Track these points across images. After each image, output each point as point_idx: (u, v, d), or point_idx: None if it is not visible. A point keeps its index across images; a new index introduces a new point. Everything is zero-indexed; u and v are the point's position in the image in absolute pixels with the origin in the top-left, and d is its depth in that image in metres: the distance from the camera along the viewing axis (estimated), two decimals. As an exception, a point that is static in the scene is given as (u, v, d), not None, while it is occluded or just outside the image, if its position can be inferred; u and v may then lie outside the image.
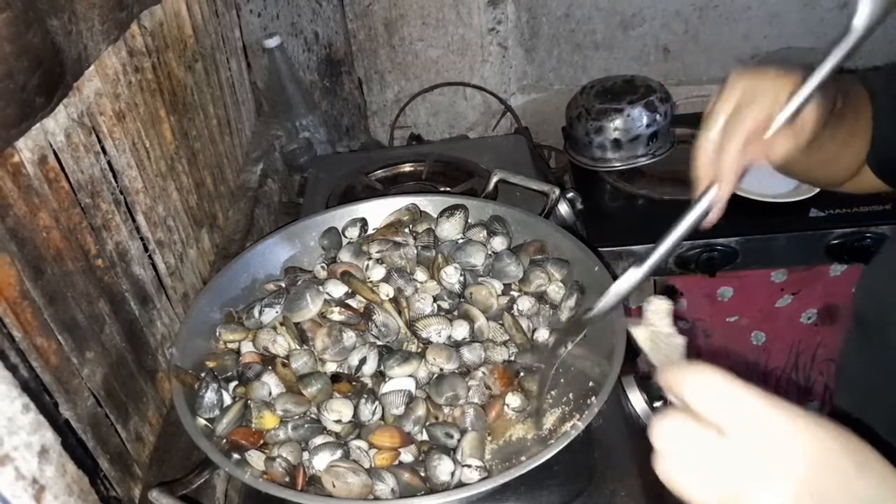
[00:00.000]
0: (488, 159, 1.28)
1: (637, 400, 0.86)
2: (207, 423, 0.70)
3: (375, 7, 1.59)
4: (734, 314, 1.34)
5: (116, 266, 0.75)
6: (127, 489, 0.71)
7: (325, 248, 0.93)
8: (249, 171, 1.29)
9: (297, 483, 0.64)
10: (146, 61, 0.87)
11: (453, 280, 0.82)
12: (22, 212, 0.59)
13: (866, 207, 1.24)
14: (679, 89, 1.66)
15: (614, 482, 0.72)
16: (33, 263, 0.59)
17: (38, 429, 0.57)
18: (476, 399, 0.73)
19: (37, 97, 0.59)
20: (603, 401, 0.65)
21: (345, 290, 0.82)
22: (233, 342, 0.80)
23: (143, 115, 0.84)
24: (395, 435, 0.68)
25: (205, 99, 1.09)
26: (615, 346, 0.70)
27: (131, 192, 0.80)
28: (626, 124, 1.35)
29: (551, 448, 0.61)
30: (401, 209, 0.95)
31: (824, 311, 1.32)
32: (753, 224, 1.24)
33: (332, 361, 0.76)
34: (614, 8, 1.59)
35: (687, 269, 1.26)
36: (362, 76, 1.68)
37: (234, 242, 1.09)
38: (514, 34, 1.64)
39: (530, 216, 0.91)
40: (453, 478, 0.65)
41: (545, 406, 0.72)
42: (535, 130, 1.73)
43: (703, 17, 1.58)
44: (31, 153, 0.61)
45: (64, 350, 0.63)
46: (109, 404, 0.69)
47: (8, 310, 0.56)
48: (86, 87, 0.71)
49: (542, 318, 0.82)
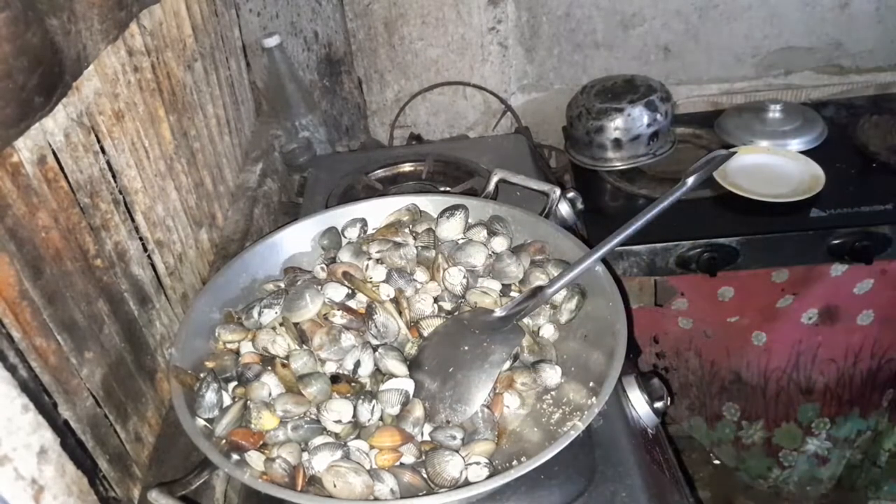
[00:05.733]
0: (488, 159, 1.28)
1: (637, 400, 0.86)
2: (207, 424, 0.69)
3: (375, 6, 1.59)
4: (735, 314, 1.34)
5: (115, 266, 0.75)
6: (126, 489, 0.71)
7: (325, 248, 0.92)
8: (249, 170, 1.29)
9: (297, 483, 0.64)
10: (145, 61, 0.86)
11: (456, 281, 0.82)
12: (21, 212, 0.59)
13: (867, 207, 1.24)
14: (679, 89, 1.66)
15: (614, 482, 0.72)
16: (32, 263, 0.59)
17: (37, 429, 0.56)
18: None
19: (36, 97, 0.58)
20: (603, 401, 0.65)
21: (345, 293, 0.81)
22: (232, 342, 0.79)
23: (142, 115, 0.84)
24: (395, 434, 0.68)
25: (204, 98, 1.09)
26: (615, 346, 0.70)
27: (130, 192, 0.80)
28: (627, 124, 1.35)
29: (551, 448, 0.61)
30: (401, 209, 0.95)
31: (825, 311, 1.32)
32: (754, 224, 1.24)
33: (329, 361, 0.76)
34: (614, 7, 1.59)
35: (687, 268, 1.26)
36: (362, 76, 1.68)
37: (234, 242, 1.09)
38: (514, 33, 1.64)
39: (530, 216, 0.91)
40: (461, 475, 0.65)
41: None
42: (535, 130, 1.73)
43: (703, 17, 1.58)
44: (30, 153, 0.61)
45: (63, 350, 0.62)
46: (108, 405, 0.69)
47: (7, 310, 0.56)
48: (85, 87, 0.71)
49: (543, 317, 0.81)
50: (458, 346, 0.75)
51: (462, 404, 0.71)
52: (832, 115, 1.51)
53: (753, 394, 1.44)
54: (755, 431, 1.49)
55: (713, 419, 1.50)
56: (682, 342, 1.40)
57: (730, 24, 1.59)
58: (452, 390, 0.72)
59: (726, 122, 1.47)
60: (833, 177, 1.28)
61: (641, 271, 1.28)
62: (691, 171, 0.76)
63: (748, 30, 1.59)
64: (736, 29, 1.59)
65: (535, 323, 0.81)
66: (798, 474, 1.53)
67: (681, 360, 1.43)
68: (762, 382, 1.42)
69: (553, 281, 0.78)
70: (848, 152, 1.40)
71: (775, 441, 1.49)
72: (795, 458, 1.51)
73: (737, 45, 1.61)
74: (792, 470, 1.53)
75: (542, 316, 0.81)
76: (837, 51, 1.61)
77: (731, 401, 1.46)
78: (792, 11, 1.56)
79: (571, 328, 0.80)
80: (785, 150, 1.38)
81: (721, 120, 1.49)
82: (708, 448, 1.56)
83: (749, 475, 1.56)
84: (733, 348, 1.39)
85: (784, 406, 1.45)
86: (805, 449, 1.49)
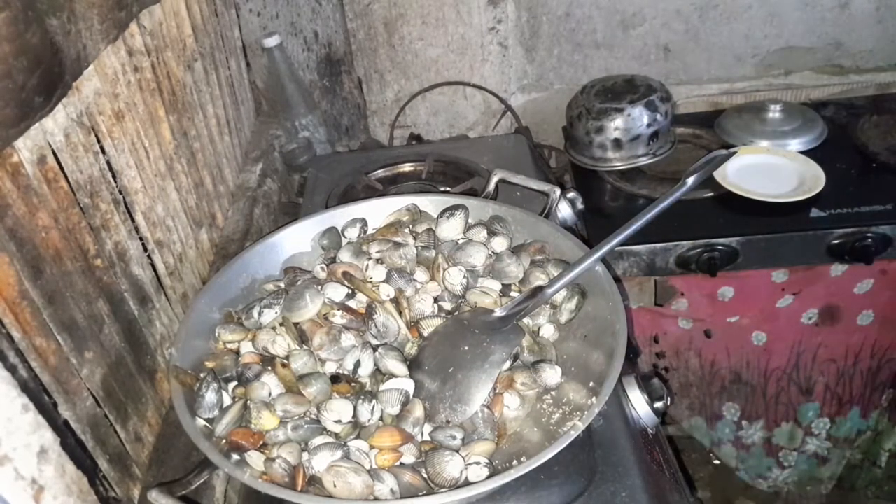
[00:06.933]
0: (488, 159, 1.28)
1: (637, 400, 0.86)
2: (207, 424, 0.69)
3: (375, 6, 1.59)
4: (735, 314, 1.34)
5: (115, 266, 0.75)
6: (126, 489, 0.71)
7: (325, 248, 0.92)
8: (249, 170, 1.29)
9: (297, 484, 0.64)
10: (145, 61, 0.86)
11: (456, 281, 0.82)
12: (21, 212, 0.59)
13: (867, 207, 1.24)
14: (680, 89, 1.66)
15: (614, 482, 0.72)
16: (32, 263, 0.59)
17: (37, 429, 0.56)
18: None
19: (36, 97, 0.58)
20: (603, 401, 0.65)
21: (345, 293, 0.81)
22: (232, 342, 0.79)
23: (142, 115, 0.84)
24: (395, 434, 0.68)
25: (204, 98, 1.09)
26: (615, 346, 0.70)
27: (130, 192, 0.80)
28: (627, 124, 1.35)
29: (551, 448, 0.61)
30: (401, 209, 0.95)
31: (825, 311, 1.32)
32: (754, 224, 1.24)
33: (329, 361, 0.76)
34: (615, 7, 1.58)
35: (688, 268, 1.26)
36: (362, 75, 1.68)
37: (234, 242, 1.09)
38: (514, 33, 1.64)
39: (530, 216, 0.91)
40: (461, 475, 0.65)
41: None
42: (535, 130, 1.73)
43: (703, 17, 1.58)
44: (30, 153, 0.61)
45: (63, 350, 0.62)
46: (108, 405, 0.69)
47: (7, 310, 0.56)
48: (85, 87, 0.71)
49: (543, 317, 0.81)
50: (458, 346, 0.75)
51: (462, 404, 0.71)
52: (832, 115, 1.51)
53: (753, 394, 1.44)
54: (755, 431, 1.49)
55: (713, 419, 1.50)
56: (682, 342, 1.40)
57: (730, 24, 1.59)
58: (452, 390, 0.72)
59: (726, 122, 1.47)
60: (833, 177, 1.28)
61: (641, 271, 1.28)
62: (691, 171, 0.76)
63: (748, 30, 1.59)
64: (736, 29, 1.59)
65: (535, 323, 0.81)
66: (798, 474, 1.53)
67: (681, 360, 1.43)
68: (762, 382, 1.42)
69: (553, 281, 0.78)
70: (848, 152, 1.40)
71: (775, 441, 1.49)
72: (795, 458, 1.51)
73: (737, 45, 1.61)
74: (792, 470, 1.53)
75: (542, 316, 0.81)
76: (837, 51, 1.61)
77: (731, 401, 1.46)
78: (792, 11, 1.56)
79: (571, 328, 0.80)
80: (785, 150, 1.38)
81: (721, 120, 1.49)
82: (708, 448, 1.56)
83: (749, 475, 1.56)
84: (733, 348, 1.39)
85: (784, 406, 1.45)
86: (805, 449, 1.50)
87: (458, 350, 0.74)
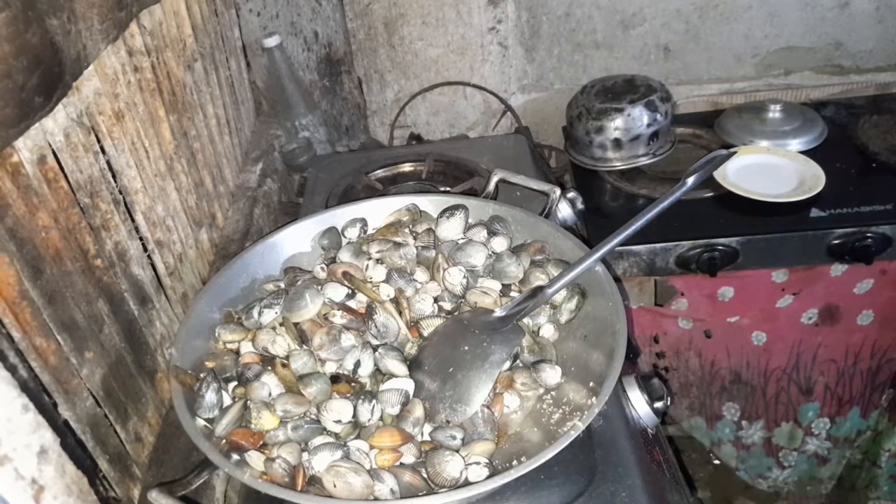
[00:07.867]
0: (488, 159, 1.28)
1: (637, 400, 0.86)
2: (207, 424, 0.69)
3: (375, 6, 1.59)
4: (735, 314, 1.34)
5: (115, 266, 0.75)
6: (126, 489, 0.71)
7: (325, 248, 0.92)
8: (249, 170, 1.29)
9: (297, 484, 0.64)
10: (145, 61, 0.86)
11: (456, 281, 0.82)
12: (21, 212, 0.59)
13: (867, 207, 1.24)
14: (680, 89, 1.66)
15: (614, 482, 0.72)
16: (32, 263, 0.59)
17: (37, 429, 0.56)
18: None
19: (36, 97, 0.58)
20: (603, 401, 0.65)
21: (345, 293, 0.81)
22: (232, 342, 0.79)
23: (142, 115, 0.84)
24: (395, 434, 0.68)
25: (204, 98, 1.09)
26: (615, 346, 0.70)
27: (130, 192, 0.80)
28: (627, 124, 1.35)
29: (551, 448, 0.61)
30: (401, 209, 0.95)
31: (825, 311, 1.32)
32: (754, 224, 1.24)
33: (329, 361, 0.76)
34: (615, 7, 1.59)
35: (688, 268, 1.26)
36: (362, 75, 1.68)
37: (234, 242, 1.09)
38: (514, 33, 1.64)
39: (530, 216, 0.91)
40: (461, 475, 0.65)
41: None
42: (535, 130, 1.73)
43: (703, 17, 1.58)
44: (29, 153, 0.61)
45: (63, 350, 0.62)
46: (108, 405, 0.69)
47: (7, 310, 0.56)
48: (85, 87, 0.71)
49: (543, 317, 0.81)
50: (458, 346, 0.75)
51: (462, 404, 0.71)
52: (832, 115, 1.51)
53: (753, 394, 1.44)
54: (755, 431, 1.49)
55: (713, 419, 1.50)
56: (682, 342, 1.40)
57: (730, 24, 1.59)
58: (452, 390, 0.72)
59: (726, 122, 1.47)
60: (833, 177, 1.28)
61: (641, 271, 1.28)
62: (691, 171, 0.76)
63: (748, 30, 1.59)
64: (736, 29, 1.59)
65: (535, 323, 0.81)
66: (798, 474, 1.53)
67: (681, 360, 1.43)
68: (762, 382, 1.42)
69: (553, 281, 0.78)
70: (848, 152, 1.40)
71: (775, 441, 1.50)
72: (795, 458, 1.51)
73: (737, 45, 1.61)
74: (792, 470, 1.53)
75: (542, 316, 0.81)
76: (837, 51, 1.61)
77: (731, 401, 1.46)
78: (792, 11, 1.56)
79: (571, 328, 0.80)
80: (785, 150, 1.38)
81: (721, 120, 1.49)
82: (708, 448, 1.56)
83: (749, 475, 1.56)
84: (733, 348, 1.39)
85: (784, 406, 1.45)
86: (805, 449, 1.50)
87: (458, 350, 0.74)
